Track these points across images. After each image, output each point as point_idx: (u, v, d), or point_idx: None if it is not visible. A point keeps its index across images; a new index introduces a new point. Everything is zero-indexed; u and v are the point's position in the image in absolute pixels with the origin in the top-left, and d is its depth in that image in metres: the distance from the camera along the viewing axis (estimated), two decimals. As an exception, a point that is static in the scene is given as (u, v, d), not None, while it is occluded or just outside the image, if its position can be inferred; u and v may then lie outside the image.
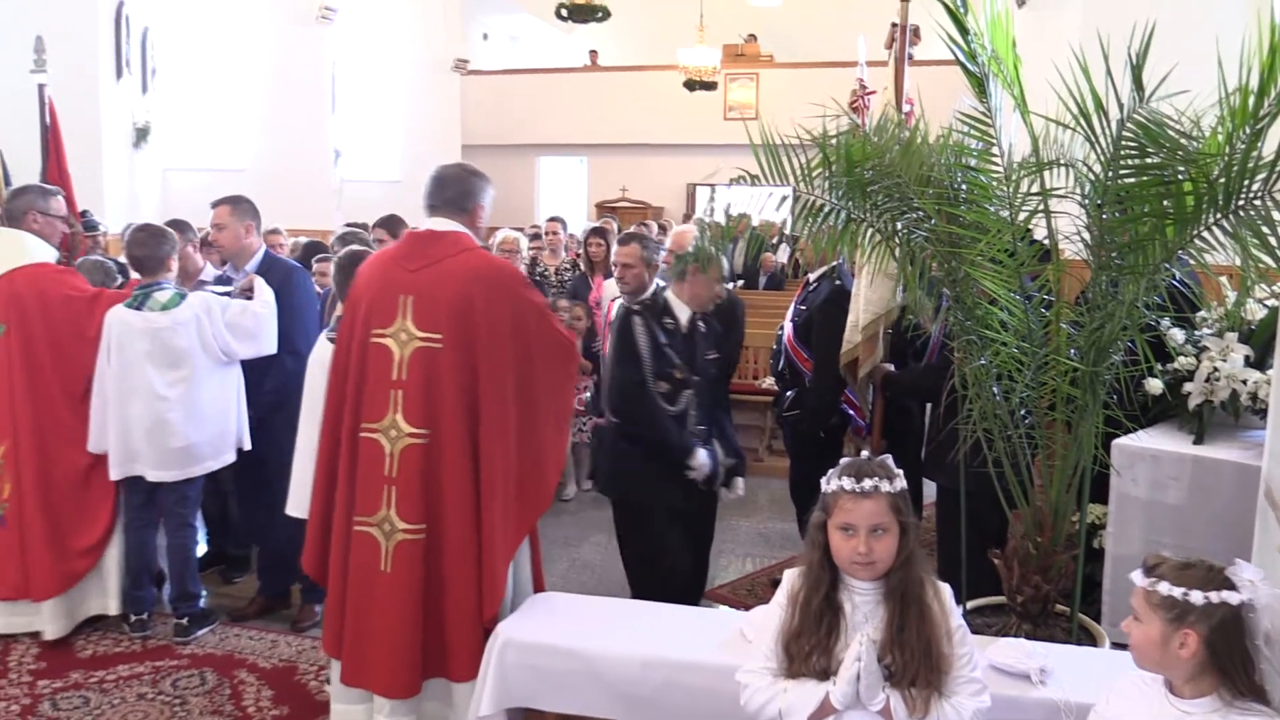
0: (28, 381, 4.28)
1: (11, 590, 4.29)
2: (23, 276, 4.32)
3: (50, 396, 4.31)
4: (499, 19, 18.47)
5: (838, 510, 2.31)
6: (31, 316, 4.28)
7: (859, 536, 2.28)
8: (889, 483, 2.30)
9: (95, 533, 4.35)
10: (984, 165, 3.23)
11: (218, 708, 3.80)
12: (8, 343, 4.28)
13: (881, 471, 2.32)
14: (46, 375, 4.29)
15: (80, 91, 8.91)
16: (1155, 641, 2.00)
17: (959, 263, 3.16)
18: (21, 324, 4.28)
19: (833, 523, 2.32)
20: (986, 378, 3.23)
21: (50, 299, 4.31)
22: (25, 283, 4.31)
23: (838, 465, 2.37)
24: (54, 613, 4.28)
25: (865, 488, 2.28)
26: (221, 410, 4.36)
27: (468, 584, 3.17)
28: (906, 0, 4.45)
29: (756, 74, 16.36)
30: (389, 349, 3.16)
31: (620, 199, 16.91)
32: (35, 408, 4.28)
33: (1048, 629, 3.27)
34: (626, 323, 4.03)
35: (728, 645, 2.92)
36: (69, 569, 4.30)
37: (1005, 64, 3.14)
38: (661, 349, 3.99)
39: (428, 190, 3.31)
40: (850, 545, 2.29)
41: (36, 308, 4.29)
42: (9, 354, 4.28)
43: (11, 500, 4.29)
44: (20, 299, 4.28)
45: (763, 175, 3.36)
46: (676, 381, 4.00)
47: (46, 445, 4.30)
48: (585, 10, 10.92)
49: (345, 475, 3.25)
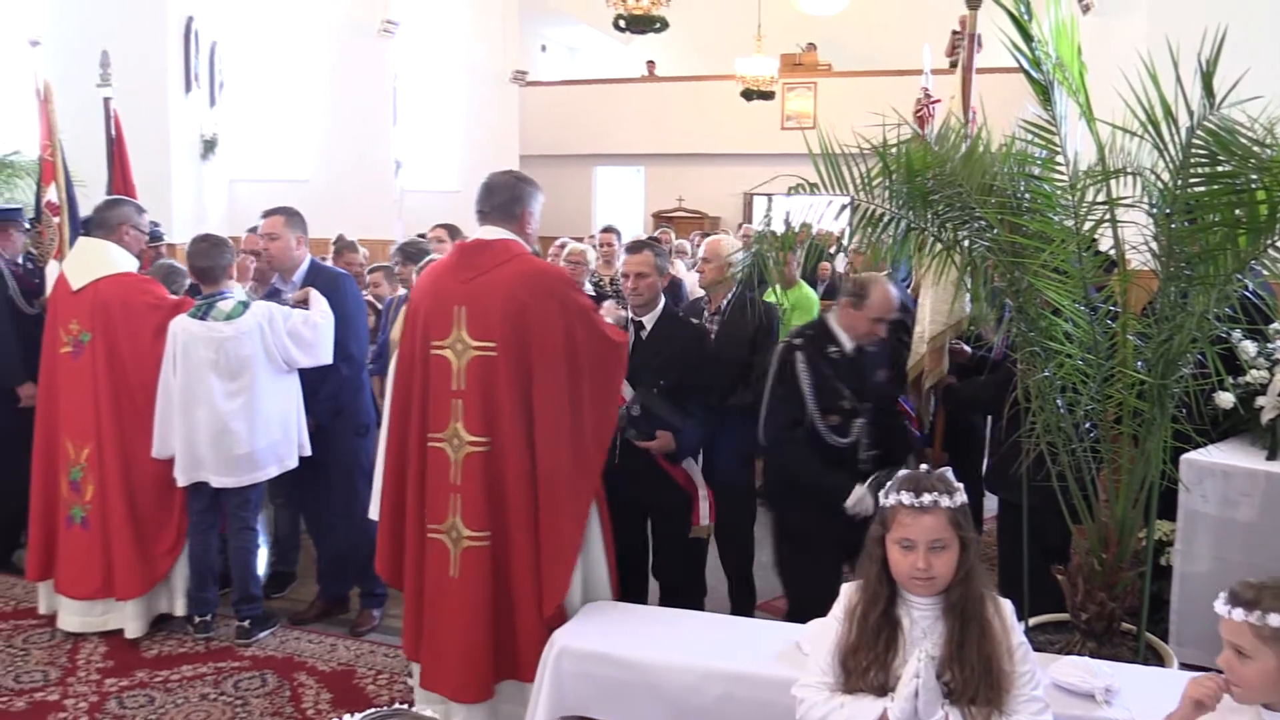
0: (111, 388, 4.39)
1: (94, 590, 4.40)
2: (107, 285, 4.44)
3: (132, 402, 4.41)
4: (557, 30, 18.61)
5: (896, 525, 2.28)
6: (115, 324, 4.40)
7: (918, 552, 2.24)
8: (949, 497, 2.26)
9: (173, 534, 4.47)
10: (1048, 174, 3.18)
11: (278, 709, 3.86)
12: (93, 350, 4.40)
13: (941, 486, 2.28)
14: (129, 381, 4.40)
15: (150, 104, 9.15)
16: (1274, 676, 1.93)
17: (1022, 273, 3.11)
18: (106, 332, 4.39)
19: (891, 537, 2.29)
20: (1050, 390, 3.17)
21: (134, 307, 4.42)
22: (110, 291, 4.43)
23: (896, 478, 2.34)
24: (135, 612, 4.40)
25: (924, 503, 2.24)
26: (283, 417, 4.42)
27: (532, 586, 3.21)
28: (975, 8, 4.39)
29: (814, 83, 16.28)
30: (447, 359, 3.22)
31: (677, 209, 16.92)
32: (118, 413, 4.39)
33: (1113, 648, 3.20)
34: (788, 358, 3.79)
35: (784, 658, 2.90)
36: (152, 570, 4.42)
37: (1070, 71, 3.08)
38: (827, 381, 3.76)
39: (478, 198, 3.37)
40: (909, 561, 2.26)
41: (120, 316, 4.40)
42: (94, 361, 4.39)
43: (95, 502, 4.41)
44: (105, 307, 4.40)
45: (821, 184, 3.35)
46: (846, 412, 3.78)
47: (128, 450, 4.40)
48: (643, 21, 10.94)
49: (414, 483, 3.32)
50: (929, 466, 2.40)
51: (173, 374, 4.30)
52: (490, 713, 3.28)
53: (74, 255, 4.65)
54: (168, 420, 4.33)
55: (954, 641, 2.25)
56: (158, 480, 4.42)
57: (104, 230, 4.60)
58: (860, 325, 3.81)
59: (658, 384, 3.81)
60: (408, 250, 5.07)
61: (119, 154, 5.79)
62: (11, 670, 4.15)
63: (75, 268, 4.54)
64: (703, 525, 3.98)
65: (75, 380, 4.45)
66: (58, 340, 4.49)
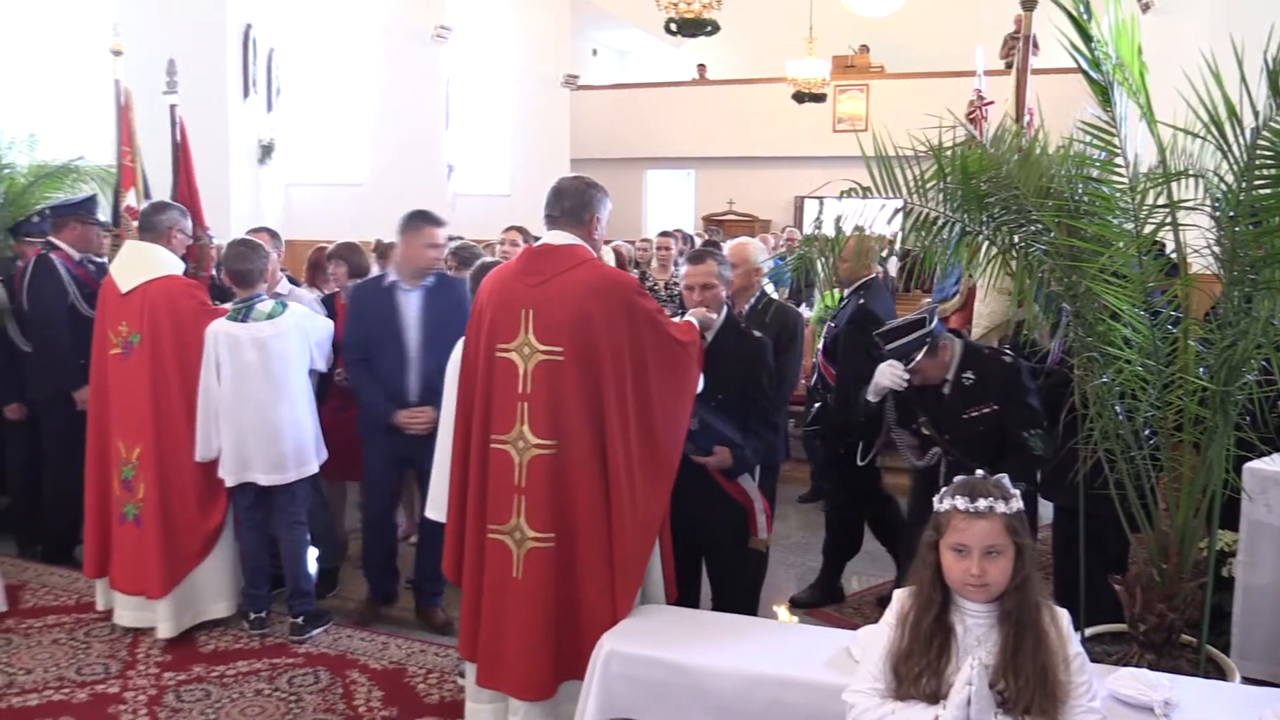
0: (159, 388, 4.47)
1: (142, 586, 4.49)
2: (157, 288, 4.52)
3: (172, 403, 4.49)
4: (608, 35, 18.68)
5: (950, 530, 2.25)
6: (164, 327, 4.48)
7: (972, 558, 2.21)
8: (1004, 503, 2.23)
9: (203, 535, 4.53)
10: (1107, 176, 3.12)
11: (330, 706, 3.91)
12: (142, 351, 4.49)
13: (997, 491, 2.25)
14: (175, 383, 4.48)
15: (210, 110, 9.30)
16: None
17: (1080, 277, 3.06)
18: (154, 333, 4.48)
19: (945, 542, 2.26)
20: (1108, 396, 3.11)
21: (181, 310, 4.51)
22: (159, 294, 4.51)
23: (952, 483, 2.31)
24: (167, 611, 4.44)
25: (979, 508, 2.21)
26: (312, 415, 4.55)
27: (600, 589, 3.23)
28: (1030, 9, 4.32)
29: (866, 85, 16.18)
30: (513, 363, 3.25)
31: (727, 212, 16.90)
32: (167, 414, 4.47)
33: (1172, 660, 3.13)
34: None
35: (834, 664, 2.88)
36: (176, 569, 4.46)
37: (1130, 71, 3.03)
38: (907, 400, 3.87)
39: (547, 202, 3.38)
40: (963, 566, 2.23)
41: (168, 318, 4.48)
42: (143, 362, 4.48)
43: (147, 500, 4.50)
44: (154, 310, 4.49)
45: (874, 187, 3.32)
46: (923, 436, 3.86)
47: (168, 450, 4.48)
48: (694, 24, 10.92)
49: (476, 485, 3.35)
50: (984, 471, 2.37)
51: (215, 378, 4.37)
52: (551, 712, 3.31)
53: (122, 258, 4.72)
54: (209, 423, 4.40)
55: (1008, 650, 2.22)
56: (198, 482, 4.50)
57: (153, 234, 4.69)
58: (930, 370, 3.77)
59: (716, 398, 3.69)
60: (461, 254, 5.10)
61: (183, 159, 5.90)
62: (74, 662, 4.26)
63: (123, 270, 4.61)
64: (760, 538, 3.94)
65: (125, 381, 4.53)
66: (107, 342, 4.58)
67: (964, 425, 3.76)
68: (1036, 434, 3.57)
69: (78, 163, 6.57)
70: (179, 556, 4.48)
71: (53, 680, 4.10)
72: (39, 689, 4.02)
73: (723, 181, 17.06)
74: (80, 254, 5.39)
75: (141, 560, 4.48)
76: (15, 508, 5.70)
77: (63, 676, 4.13)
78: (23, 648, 4.39)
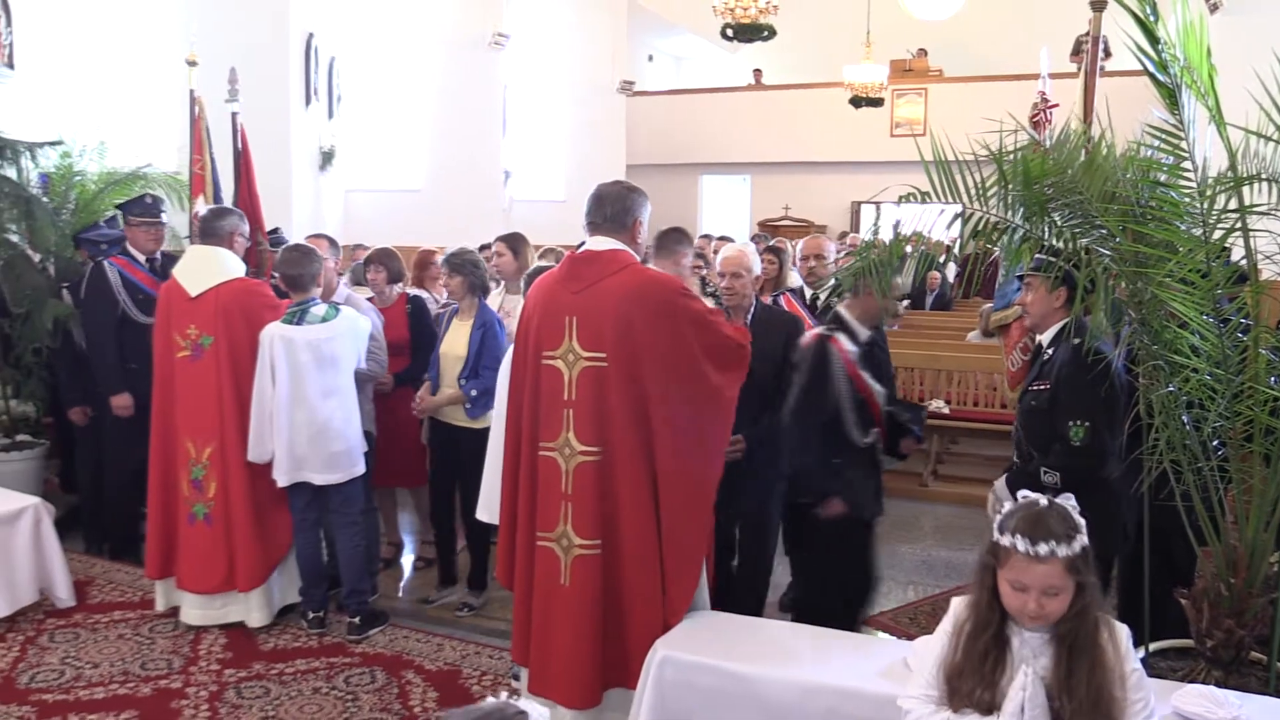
0: (234, 388, 4.57)
1: (217, 584, 4.59)
2: (229, 291, 4.63)
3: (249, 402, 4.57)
4: (664, 41, 18.69)
5: (1009, 566, 2.18)
6: (236, 328, 4.58)
7: (1030, 594, 2.16)
8: (1067, 544, 2.14)
9: (289, 527, 4.66)
10: (1175, 181, 3.05)
11: (386, 705, 3.95)
12: (215, 352, 4.59)
13: (1061, 528, 2.16)
14: (247, 383, 4.56)
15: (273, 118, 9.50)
16: None
17: (1145, 284, 3.00)
18: (227, 335, 4.58)
19: (1003, 573, 2.20)
20: (1175, 405, 3.04)
21: (251, 311, 4.60)
22: (232, 297, 4.62)
23: (1016, 505, 2.24)
24: (259, 602, 4.60)
25: (1041, 553, 2.14)
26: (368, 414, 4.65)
27: (648, 595, 3.23)
28: (1100, 10, 4.24)
29: (925, 89, 15.99)
30: (559, 370, 3.26)
31: (783, 217, 16.82)
32: (239, 413, 4.55)
33: (1240, 677, 3.04)
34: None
35: (891, 675, 2.84)
36: (269, 559, 4.62)
37: (1199, 74, 2.95)
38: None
39: (588, 209, 3.39)
40: (1020, 600, 2.17)
41: (240, 320, 4.58)
42: (217, 363, 4.58)
43: (217, 498, 4.59)
44: (226, 312, 4.59)
45: (933, 192, 3.27)
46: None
47: (244, 448, 4.55)
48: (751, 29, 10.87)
49: (526, 491, 3.38)
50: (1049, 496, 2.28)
51: (269, 380, 4.44)
52: (596, 719, 3.30)
53: (187, 262, 4.81)
54: (263, 425, 4.48)
55: (1062, 669, 2.17)
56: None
57: (216, 238, 4.79)
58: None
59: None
60: (453, 262, 5.02)
61: (245, 166, 6.02)
62: (139, 657, 4.36)
63: (190, 274, 4.70)
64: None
65: (195, 383, 4.63)
66: (172, 345, 4.66)
67: (1025, 395, 3.75)
68: (1080, 425, 3.47)
69: (146, 170, 6.73)
70: (271, 545, 4.61)
71: (118, 674, 4.20)
72: (105, 683, 4.12)
73: (778, 187, 16.97)
74: (146, 255, 5.51)
75: (220, 557, 4.58)
76: (83, 506, 5.86)
77: (127, 671, 4.23)
78: (89, 642, 4.50)
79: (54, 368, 5.85)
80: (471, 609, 4.84)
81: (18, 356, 5.80)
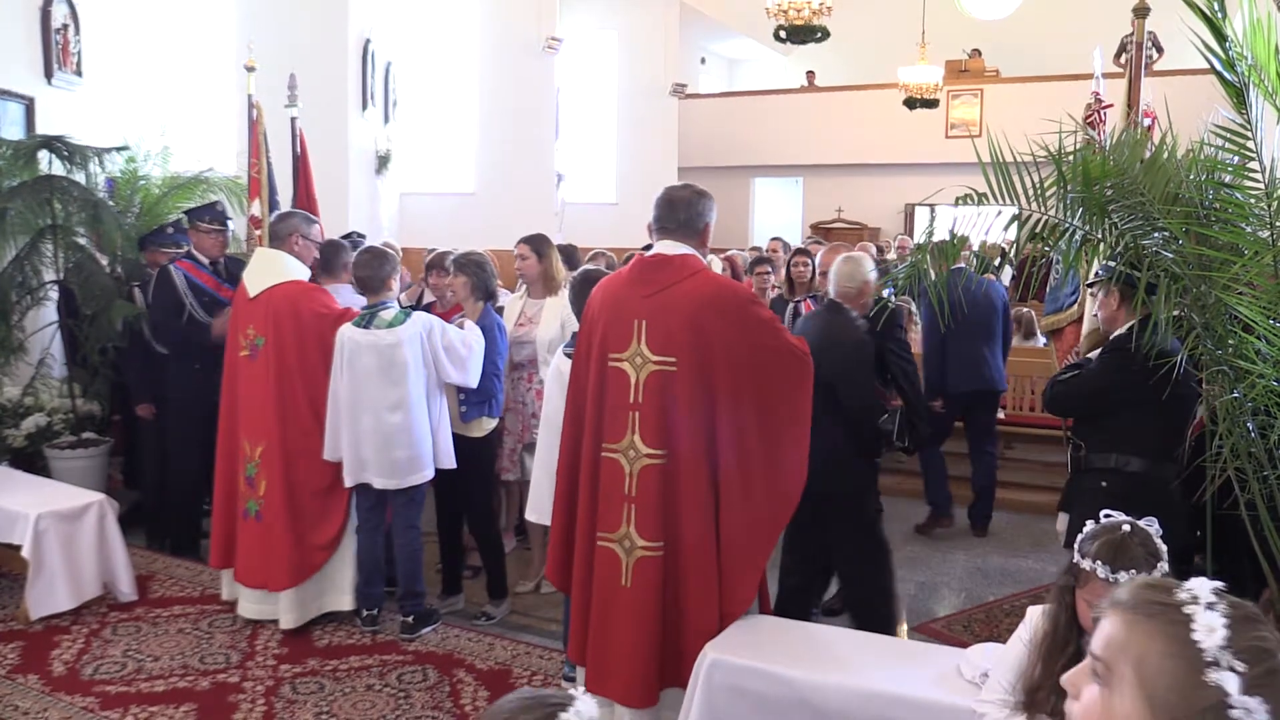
0: (280, 389, 4.65)
1: (263, 579, 4.67)
2: (281, 293, 4.71)
3: (299, 404, 4.67)
4: (717, 43, 18.67)
5: (1088, 588, 2.17)
6: (286, 330, 4.66)
7: None
8: (1148, 573, 2.11)
9: (330, 531, 4.70)
10: (1240, 182, 2.98)
11: (438, 703, 3.99)
12: (266, 353, 4.68)
13: (1141, 554, 2.12)
14: (297, 385, 4.65)
15: (330, 123, 9.62)
16: None
17: (1209, 287, 2.93)
18: (278, 336, 4.66)
19: (1081, 594, 2.19)
20: (1240, 412, 2.97)
21: (303, 314, 4.67)
22: (283, 299, 4.70)
23: (1098, 527, 2.21)
24: (289, 604, 4.62)
25: (1120, 581, 2.10)
26: (438, 421, 4.59)
27: (707, 598, 3.23)
28: (1142, 17, 4.16)
29: (980, 89, 15.78)
30: (625, 372, 3.27)
31: (835, 219, 16.70)
32: (287, 414, 4.65)
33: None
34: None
35: (943, 682, 2.81)
36: (304, 563, 4.64)
37: (1267, 72, 2.89)
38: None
39: (659, 213, 3.36)
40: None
41: (291, 323, 4.66)
42: (268, 364, 4.67)
43: (268, 497, 4.67)
44: (278, 314, 4.67)
45: (990, 194, 3.23)
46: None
47: (291, 448, 4.66)
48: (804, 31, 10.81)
49: (586, 492, 3.38)
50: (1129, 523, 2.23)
51: (340, 381, 4.51)
52: (654, 718, 3.31)
53: (252, 264, 4.95)
54: (336, 425, 4.54)
55: None
56: (319, 479, 4.65)
57: (276, 241, 4.91)
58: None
59: None
60: (460, 261, 5.00)
61: (303, 170, 6.11)
62: (198, 651, 4.44)
63: (253, 276, 4.83)
64: None
65: (252, 382, 4.74)
66: (237, 344, 4.80)
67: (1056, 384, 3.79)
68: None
69: (207, 174, 6.88)
70: (307, 549, 4.65)
71: (178, 668, 4.28)
72: (165, 676, 4.21)
73: (831, 189, 16.87)
74: (211, 259, 5.62)
75: (263, 554, 4.66)
76: (146, 502, 6.00)
77: (187, 664, 4.32)
78: (150, 636, 4.60)
79: (120, 367, 6.01)
80: (490, 619, 4.78)
81: (84, 356, 5.96)
